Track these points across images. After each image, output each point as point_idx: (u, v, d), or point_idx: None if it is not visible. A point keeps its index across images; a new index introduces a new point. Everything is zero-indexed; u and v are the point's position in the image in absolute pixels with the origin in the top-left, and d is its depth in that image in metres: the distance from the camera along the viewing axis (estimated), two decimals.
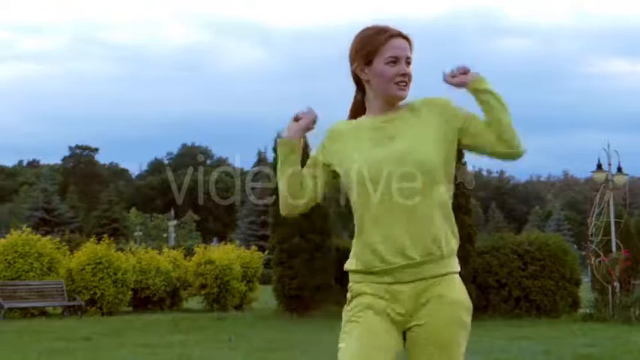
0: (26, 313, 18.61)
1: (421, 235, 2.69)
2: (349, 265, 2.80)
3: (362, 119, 2.85)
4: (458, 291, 2.86)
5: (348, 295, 2.80)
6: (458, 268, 2.83)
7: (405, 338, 2.79)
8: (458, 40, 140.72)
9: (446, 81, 2.87)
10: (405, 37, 2.82)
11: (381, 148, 2.74)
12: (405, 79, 2.78)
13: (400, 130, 2.77)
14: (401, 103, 2.84)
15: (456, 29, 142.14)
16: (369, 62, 2.79)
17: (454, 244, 2.79)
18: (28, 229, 20.15)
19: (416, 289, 2.73)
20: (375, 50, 2.78)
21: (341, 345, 2.72)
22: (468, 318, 2.90)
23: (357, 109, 2.91)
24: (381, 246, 2.69)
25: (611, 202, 17.54)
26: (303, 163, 2.88)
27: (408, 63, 2.81)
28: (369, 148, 2.75)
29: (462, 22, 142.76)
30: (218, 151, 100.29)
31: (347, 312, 2.79)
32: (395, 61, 2.76)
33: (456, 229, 2.80)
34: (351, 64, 2.86)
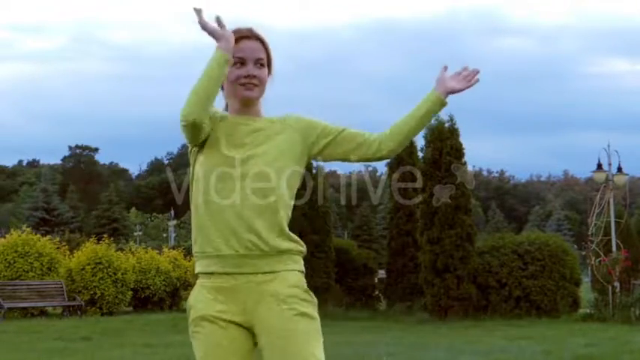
0: (26, 313, 18.61)
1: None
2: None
3: (227, 115, 2.84)
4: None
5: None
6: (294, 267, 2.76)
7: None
8: (457, 40, 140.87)
9: (452, 79, 2.86)
10: (260, 39, 2.82)
11: (235, 151, 2.73)
12: (252, 81, 2.76)
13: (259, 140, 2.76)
14: (263, 112, 2.84)
15: (455, 28, 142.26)
16: None
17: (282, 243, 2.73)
18: (28, 229, 20.16)
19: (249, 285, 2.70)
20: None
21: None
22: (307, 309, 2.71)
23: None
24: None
25: (612, 202, 17.54)
26: None
27: (261, 65, 2.80)
28: (223, 148, 2.74)
29: (461, 21, 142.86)
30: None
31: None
32: (241, 62, 2.76)
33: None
34: None
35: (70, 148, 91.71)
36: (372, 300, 19.82)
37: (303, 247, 2.77)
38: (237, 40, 2.75)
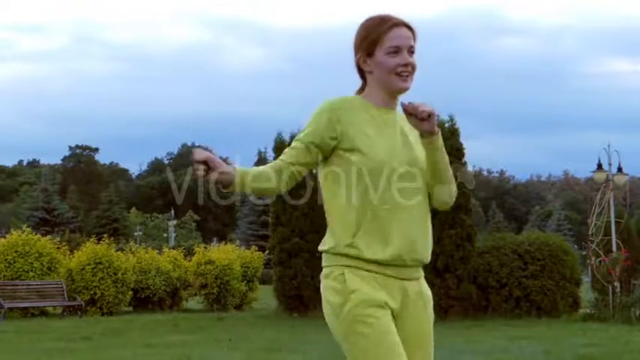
0: (26, 313, 18.61)
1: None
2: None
3: (368, 104, 2.75)
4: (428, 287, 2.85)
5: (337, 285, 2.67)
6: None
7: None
8: (457, 39, 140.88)
9: (413, 112, 2.65)
10: (409, 27, 2.73)
11: (402, 145, 2.73)
12: (407, 70, 2.69)
13: (412, 131, 2.76)
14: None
15: (456, 28, 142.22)
16: (370, 53, 2.72)
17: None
18: (28, 229, 20.16)
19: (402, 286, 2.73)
20: (376, 40, 2.70)
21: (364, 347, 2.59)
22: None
23: None
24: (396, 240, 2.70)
25: (612, 202, 17.54)
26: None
27: (412, 52, 2.71)
28: (392, 140, 2.72)
29: (461, 21, 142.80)
30: (218, 151, 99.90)
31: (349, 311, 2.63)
32: (396, 51, 2.67)
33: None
34: (355, 55, 2.78)
35: (70, 148, 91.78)
36: None
37: None
38: (389, 28, 2.69)
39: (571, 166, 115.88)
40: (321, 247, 2.78)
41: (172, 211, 56.11)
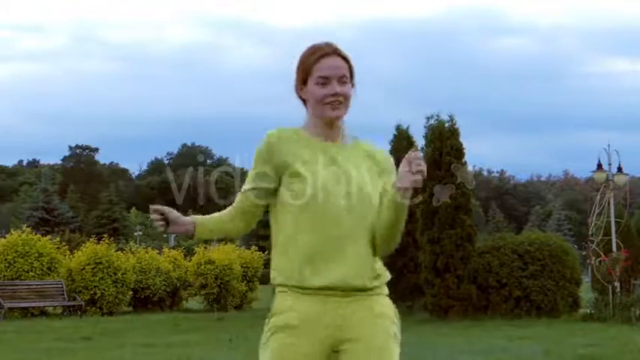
0: (26, 313, 18.62)
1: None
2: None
3: (305, 135, 2.77)
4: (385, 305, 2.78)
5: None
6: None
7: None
8: (456, 39, 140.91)
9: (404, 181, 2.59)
10: (341, 56, 2.75)
11: (335, 177, 2.69)
12: (337, 99, 2.70)
13: (350, 164, 2.73)
14: (347, 132, 2.80)
15: (455, 28, 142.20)
16: (304, 82, 2.77)
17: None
18: (28, 229, 20.16)
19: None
20: (307, 70, 2.74)
21: None
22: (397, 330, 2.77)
23: None
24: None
25: (612, 202, 17.54)
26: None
27: (344, 82, 2.72)
28: (322, 167, 2.69)
29: (460, 21, 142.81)
30: (218, 151, 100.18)
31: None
32: (324, 82, 2.70)
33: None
34: (294, 83, 2.83)
35: (70, 148, 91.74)
36: None
37: None
38: (317, 59, 2.73)
39: (571, 166, 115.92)
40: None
41: None
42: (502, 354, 10.28)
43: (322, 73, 2.71)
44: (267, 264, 23.90)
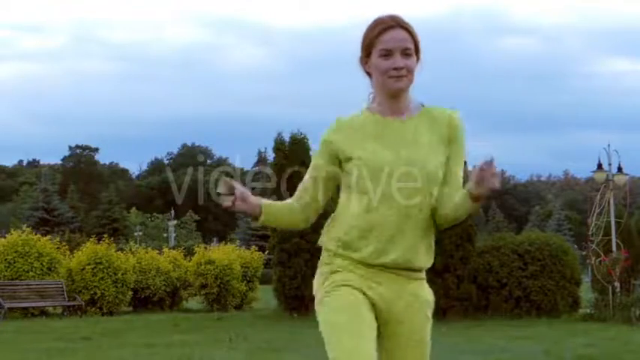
0: (26, 313, 18.61)
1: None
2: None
3: (367, 115, 2.81)
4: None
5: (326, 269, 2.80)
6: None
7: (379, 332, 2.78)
8: (460, 39, 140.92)
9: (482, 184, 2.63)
10: (405, 28, 2.75)
11: (390, 151, 2.73)
12: (400, 72, 2.71)
13: (411, 138, 2.77)
14: (414, 102, 2.81)
15: (458, 28, 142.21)
16: (368, 55, 2.78)
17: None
18: (28, 229, 20.15)
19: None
20: (371, 43, 2.75)
21: (324, 317, 2.74)
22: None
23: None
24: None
25: (612, 202, 17.54)
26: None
27: (408, 54, 2.73)
28: (380, 147, 2.73)
29: (463, 20, 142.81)
30: (218, 151, 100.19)
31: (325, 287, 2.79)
32: (388, 53, 2.71)
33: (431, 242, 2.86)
34: (359, 56, 2.84)
35: (70, 148, 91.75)
36: None
37: None
38: (381, 31, 2.73)
39: (571, 166, 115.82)
40: (320, 242, 2.89)
41: (172, 211, 56.10)
42: (502, 354, 10.28)
43: (385, 46, 2.72)
44: (267, 264, 23.91)
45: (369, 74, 2.82)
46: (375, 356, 2.65)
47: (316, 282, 2.83)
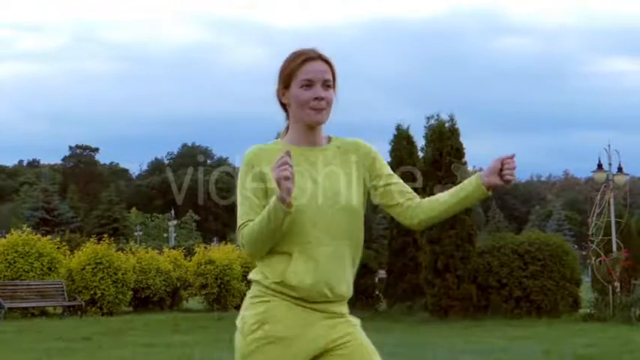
0: (26, 313, 18.62)
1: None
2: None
3: (283, 145, 2.76)
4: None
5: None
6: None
7: None
8: (458, 39, 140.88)
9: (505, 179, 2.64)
10: (325, 60, 2.77)
11: (312, 183, 2.70)
12: (320, 104, 2.71)
13: (327, 167, 2.75)
14: (327, 134, 2.82)
15: (457, 27, 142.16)
16: (287, 86, 2.77)
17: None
18: (29, 229, 20.18)
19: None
20: (291, 74, 2.74)
21: None
22: None
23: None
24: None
25: (612, 202, 17.55)
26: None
27: (328, 86, 2.74)
28: (300, 179, 2.65)
29: (462, 20, 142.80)
30: (218, 151, 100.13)
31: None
32: (309, 84, 2.71)
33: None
34: (276, 87, 2.83)
35: (70, 148, 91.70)
36: (373, 300, 19.81)
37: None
38: (302, 62, 2.73)
39: (571, 166, 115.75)
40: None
41: (172, 211, 56.10)
42: (502, 354, 10.29)
43: (307, 76, 2.72)
44: None
45: (284, 106, 2.82)
46: None
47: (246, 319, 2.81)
